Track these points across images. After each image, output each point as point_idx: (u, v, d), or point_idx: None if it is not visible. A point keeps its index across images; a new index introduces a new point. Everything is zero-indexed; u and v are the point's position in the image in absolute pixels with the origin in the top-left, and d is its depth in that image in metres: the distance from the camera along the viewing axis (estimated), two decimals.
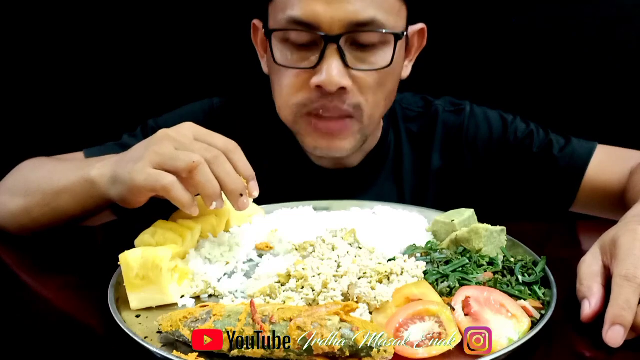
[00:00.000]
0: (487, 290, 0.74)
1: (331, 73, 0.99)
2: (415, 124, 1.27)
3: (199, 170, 0.81)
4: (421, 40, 1.16)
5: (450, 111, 1.26)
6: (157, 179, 0.81)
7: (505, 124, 1.24)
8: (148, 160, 0.83)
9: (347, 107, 1.04)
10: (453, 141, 1.25)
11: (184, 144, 0.84)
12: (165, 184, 0.81)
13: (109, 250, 0.81)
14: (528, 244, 0.88)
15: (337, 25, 0.98)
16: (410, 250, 0.86)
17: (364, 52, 1.02)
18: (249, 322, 0.65)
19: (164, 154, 0.82)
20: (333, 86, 1.00)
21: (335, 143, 1.07)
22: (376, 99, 1.06)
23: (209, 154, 0.83)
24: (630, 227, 0.74)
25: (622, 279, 0.69)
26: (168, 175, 0.81)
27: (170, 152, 0.82)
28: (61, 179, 0.99)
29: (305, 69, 1.02)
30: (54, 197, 0.99)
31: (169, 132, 0.86)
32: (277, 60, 1.04)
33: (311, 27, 0.99)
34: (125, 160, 0.88)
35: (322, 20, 0.98)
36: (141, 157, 0.84)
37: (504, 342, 0.66)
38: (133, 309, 0.75)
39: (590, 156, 1.17)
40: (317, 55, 1.00)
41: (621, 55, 1.65)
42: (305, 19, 0.98)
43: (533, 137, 1.21)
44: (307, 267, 0.78)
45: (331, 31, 0.98)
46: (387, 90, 1.08)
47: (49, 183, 1.01)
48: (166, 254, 0.77)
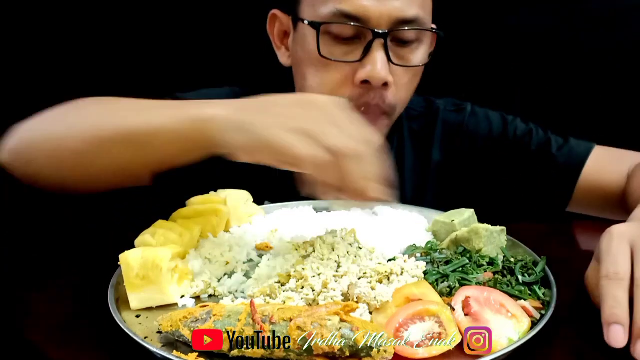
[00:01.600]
0: (487, 290, 0.74)
1: (379, 68, 1.01)
2: (417, 122, 1.28)
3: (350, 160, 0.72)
4: (434, 42, 1.18)
5: (451, 110, 1.29)
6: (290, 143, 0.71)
7: (505, 122, 1.26)
8: (293, 125, 0.73)
9: (385, 107, 1.06)
10: (453, 137, 1.27)
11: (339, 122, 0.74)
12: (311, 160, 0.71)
13: (109, 250, 0.81)
14: (528, 244, 0.88)
15: (384, 21, 1.00)
16: (410, 251, 0.87)
17: (403, 48, 1.05)
18: (249, 322, 0.65)
19: (320, 128, 0.72)
20: (379, 81, 1.02)
21: None
22: (407, 96, 1.10)
23: (363, 145, 0.74)
24: (610, 228, 0.76)
25: (605, 279, 0.70)
26: (305, 144, 0.72)
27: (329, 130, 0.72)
28: (155, 117, 0.83)
29: (351, 62, 1.03)
30: (145, 134, 0.82)
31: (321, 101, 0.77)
32: (323, 53, 1.04)
33: (360, 22, 1.00)
34: (259, 110, 0.77)
35: (371, 15, 0.99)
36: (289, 116, 0.74)
37: (504, 342, 0.66)
38: (133, 309, 0.75)
39: (587, 156, 1.18)
40: (361, 50, 1.02)
41: (621, 56, 1.65)
42: (354, 12, 1.00)
43: (532, 135, 1.23)
44: (307, 267, 0.78)
45: (379, 26, 1.00)
46: (414, 88, 1.11)
47: (135, 120, 0.84)
48: (166, 254, 0.77)
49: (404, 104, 1.11)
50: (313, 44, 1.03)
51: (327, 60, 1.03)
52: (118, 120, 0.86)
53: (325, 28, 1.02)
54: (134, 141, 0.83)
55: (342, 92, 1.04)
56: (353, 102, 1.04)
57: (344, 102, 0.78)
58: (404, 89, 1.07)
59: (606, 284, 0.70)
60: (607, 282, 0.70)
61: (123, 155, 0.86)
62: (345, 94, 1.04)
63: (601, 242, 0.75)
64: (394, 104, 1.07)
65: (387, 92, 1.04)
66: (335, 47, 1.03)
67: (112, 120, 0.87)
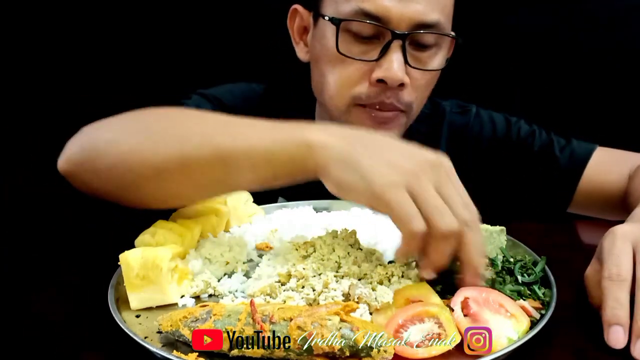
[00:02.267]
0: (485, 290, 0.74)
1: (395, 69, 1.01)
2: (424, 124, 1.29)
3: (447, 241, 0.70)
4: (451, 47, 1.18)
5: (456, 112, 1.30)
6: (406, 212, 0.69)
7: (509, 124, 1.27)
8: (401, 177, 0.70)
9: (400, 105, 1.07)
10: (458, 139, 1.28)
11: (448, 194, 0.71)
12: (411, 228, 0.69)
13: (109, 250, 0.81)
14: (528, 244, 0.88)
15: (405, 23, 1.01)
16: None
17: (421, 51, 1.05)
18: (249, 322, 0.65)
19: (423, 189, 0.70)
20: (395, 82, 1.02)
21: (383, 129, 1.09)
22: (423, 97, 1.11)
23: (468, 215, 0.72)
24: (613, 228, 0.76)
25: (607, 280, 0.70)
26: (420, 220, 0.69)
27: (432, 195, 0.70)
28: (254, 136, 0.77)
29: (368, 61, 1.03)
30: (239, 157, 0.76)
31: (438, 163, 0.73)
32: (341, 50, 1.04)
33: (379, 21, 1.01)
34: (366, 148, 0.73)
35: (392, 16, 1.00)
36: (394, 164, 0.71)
37: (503, 342, 0.66)
38: (133, 309, 0.75)
39: (589, 157, 1.19)
40: (379, 49, 1.02)
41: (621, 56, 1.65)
42: (375, 12, 1.00)
43: (535, 136, 1.24)
44: (308, 266, 0.78)
45: (398, 28, 1.00)
46: (430, 90, 1.12)
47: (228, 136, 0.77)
48: (166, 254, 0.77)
49: (420, 105, 1.12)
50: (332, 40, 1.04)
51: (345, 57, 1.04)
52: (208, 137, 0.78)
53: (345, 25, 1.03)
54: (226, 161, 0.77)
55: (359, 89, 1.05)
56: (369, 99, 1.05)
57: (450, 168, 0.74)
58: (421, 90, 1.08)
59: (608, 285, 0.70)
60: (609, 283, 0.70)
61: (210, 175, 0.79)
62: (362, 91, 1.05)
63: (603, 242, 0.75)
64: (409, 103, 1.07)
65: (402, 92, 1.05)
66: (353, 44, 1.04)
67: (200, 136, 0.79)
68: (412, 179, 0.70)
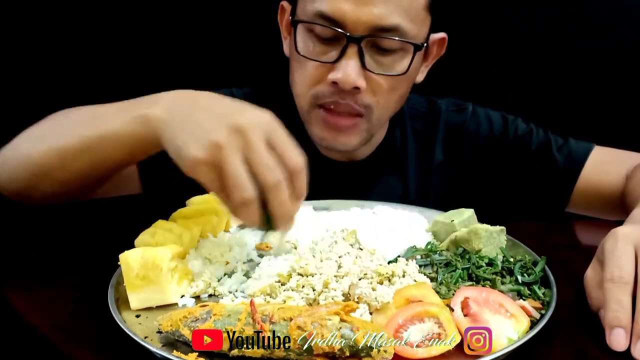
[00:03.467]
0: (485, 290, 0.74)
1: (348, 72, 1.01)
2: (420, 122, 1.29)
3: (247, 208, 0.73)
4: (440, 49, 1.18)
5: (453, 110, 1.29)
6: (205, 179, 0.74)
7: (506, 122, 1.26)
8: (210, 152, 0.72)
9: (359, 107, 1.06)
10: (455, 137, 1.27)
11: (254, 153, 0.73)
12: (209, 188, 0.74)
13: (109, 250, 0.81)
14: (528, 244, 0.88)
15: (361, 27, 1.00)
16: (410, 253, 0.86)
17: (383, 56, 1.04)
18: (249, 322, 0.65)
19: (228, 165, 0.72)
20: (348, 85, 1.01)
21: (342, 138, 1.10)
22: (387, 101, 1.08)
23: (271, 179, 0.73)
24: (615, 229, 0.75)
25: (609, 282, 0.70)
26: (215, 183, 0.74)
27: (235, 169, 0.72)
28: (106, 120, 0.89)
29: (325, 63, 1.03)
30: (97, 140, 0.89)
31: (246, 125, 0.74)
32: (299, 50, 1.05)
33: (336, 24, 1.00)
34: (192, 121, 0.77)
35: (347, 19, 0.99)
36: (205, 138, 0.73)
37: (503, 342, 0.66)
38: (133, 309, 0.75)
39: (587, 156, 1.18)
40: (337, 52, 1.02)
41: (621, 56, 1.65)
42: (331, 14, 1.00)
43: (532, 135, 1.23)
44: (309, 265, 0.78)
45: (354, 31, 1.00)
46: (399, 94, 1.10)
47: (90, 126, 0.91)
48: (166, 254, 0.77)
49: (387, 109, 1.10)
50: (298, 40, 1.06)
51: (304, 58, 1.05)
52: (76, 130, 0.92)
53: (306, 25, 1.04)
54: (91, 148, 0.90)
55: (317, 89, 1.06)
56: (324, 99, 1.05)
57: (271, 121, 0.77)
58: (383, 94, 1.06)
59: (610, 287, 0.70)
60: (611, 285, 0.70)
61: (82, 163, 0.92)
62: (319, 90, 1.06)
63: (605, 243, 0.75)
64: (369, 105, 1.06)
65: (358, 95, 1.04)
66: (315, 45, 1.04)
67: (71, 130, 0.93)
68: (217, 152, 0.72)
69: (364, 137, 1.11)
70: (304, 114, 1.12)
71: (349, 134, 1.09)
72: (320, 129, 1.10)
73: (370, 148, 1.23)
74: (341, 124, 1.07)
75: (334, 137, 1.09)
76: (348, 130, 1.08)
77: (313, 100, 1.08)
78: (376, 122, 1.10)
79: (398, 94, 1.09)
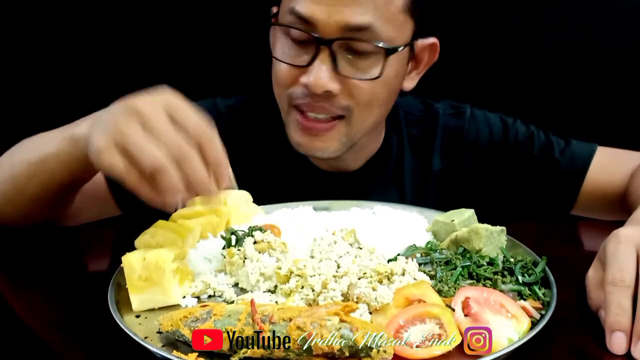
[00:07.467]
0: (486, 290, 0.74)
1: (318, 76, 0.99)
2: (416, 128, 1.26)
3: (162, 174, 0.71)
4: (432, 55, 1.14)
5: (450, 114, 1.26)
6: (112, 165, 0.73)
7: (506, 126, 1.23)
8: (111, 137, 0.73)
9: (336, 109, 1.04)
10: (453, 144, 1.24)
11: (154, 128, 0.73)
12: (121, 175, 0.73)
13: (109, 250, 0.81)
14: (528, 244, 0.88)
15: (332, 28, 0.98)
16: (410, 251, 0.86)
17: (357, 58, 1.01)
18: (249, 322, 0.65)
19: (128, 138, 0.72)
20: (319, 89, 1.00)
21: (317, 143, 1.07)
22: (368, 105, 1.05)
23: (178, 151, 0.72)
24: (617, 231, 0.75)
25: (610, 285, 0.70)
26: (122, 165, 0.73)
27: (135, 140, 0.72)
28: (47, 144, 0.96)
29: (298, 66, 1.02)
30: (41, 164, 0.96)
31: (142, 105, 0.75)
32: (275, 53, 1.05)
33: (308, 25, 0.99)
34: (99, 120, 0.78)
35: (318, 20, 0.98)
36: (107, 128, 0.74)
37: (503, 342, 0.66)
38: (135, 310, 0.75)
39: (591, 158, 1.17)
40: (311, 55, 1.00)
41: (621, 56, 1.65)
42: (304, 14, 0.98)
43: (533, 139, 1.21)
44: (307, 266, 0.78)
45: (325, 34, 0.98)
46: (380, 99, 1.07)
47: (34, 151, 0.98)
48: (169, 255, 0.77)
49: (369, 114, 1.07)
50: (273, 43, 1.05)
51: (278, 60, 1.04)
52: (25, 157, 0.99)
53: (282, 29, 1.03)
54: (37, 171, 0.96)
55: (291, 90, 1.05)
56: (297, 99, 1.04)
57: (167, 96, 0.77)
58: (362, 96, 1.03)
59: (612, 290, 0.70)
60: (613, 288, 0.70)
61: (32, 187, 0.98)
62: (294, 92, 1.04)
63: (607, 245, 0.74)
64: (347, 106, 1.04)
65: (333, 99, 1.02)
66: (290, 48, 1.03)
67: (20, 158, 1.00)
68: (118, 135, 0.73)
69: (343, 143, 1.08)
70: (285, 116, 1.10)
71: (326, 139, 1.07)
72: (297, 133, 1.08)
73: (363, 159, 1.21)
74: (317, 127, 1.05)
75: (310, 141, 1.07)
76: (324, 135, 1.06)
77: (289, 100, 1.06)
78: (358, 127, 1.07)
79: (379, 98, 1.06)
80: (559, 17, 1.65)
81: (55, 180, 0.97)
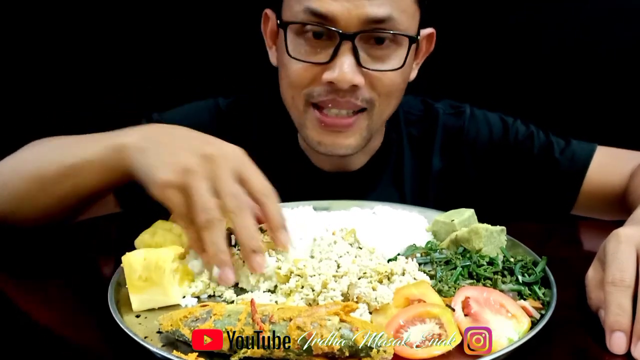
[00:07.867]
0: (486, 290, 0.74)
1: (344, 70, 0.99)
2: (416, 128, 1.26)
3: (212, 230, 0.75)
4: (429, 45, 1.16)
5: (450, 114, 1.26)
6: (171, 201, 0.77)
7: (506, 126, 1.23)
8: (180, 177, 0.76)
9: (360, 102, 1.05)
10: (453, 144, 1.24)
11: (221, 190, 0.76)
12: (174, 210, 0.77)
13: (109, 250, 0.81)
14: (528, 244, 0.88)
15: (353, 22, 0.98)
16: (410, 251, 0.86)
17: (378, 50, 1.02)
18: (249, 322, 0.65)
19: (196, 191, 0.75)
20: (345, 84, 1.00)
21: (340, 140, 1.08)
22: (388, 95, 1.07)
23: (234, 205, 0.76)
24: (617, 231, 0.75)
25: (610, 285, 0.70)
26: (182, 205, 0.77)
27: (201, 195, 0.75)
28: (82, 149, 0.93)
29: (319, 64, 1.02)
30: (73, 168, 0.93)
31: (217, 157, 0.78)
32: (291, 53, 1.04)
33: (327, 21, 0.99)
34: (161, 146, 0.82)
35: (339, 15, 0.98)
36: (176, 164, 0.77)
37: (503, 342, 0.66)
38: (135, 310, 0.75)
39: (590, 158, 1.17)
40: (331, 50, 1.00)
41: (620, 56, 1.65)
42: (323, 11, 0.98)
43: (533, 139, 1.21)
44: (307, 266, 0.78)
45: (347, 28, 0.99)
46: (400, 89, 1.09)
47: (67, 154, 0.95)
48: (169, 255, 0.77)
49: (387, 105, 1.09)
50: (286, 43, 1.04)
51: (296, 60, 1.03)
52: (55, 158, 0.97)
53: (296, 27, 1.02)
54: (68, 174, 0.93)
55: (311, 89, 1.04)
56: (319, 97, 1.04)
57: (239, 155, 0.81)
58: (384, 89, 1.05)
59: (612, 290, 0.70)
60: (613, 288, 0.70)
61: (60, 189, 0.95)
62: (314, 90, 1.04)
63: (607, 244, 0.74)
64: (370, 99, 1.05)
65: (358, 92, 1.03)
66: (306, 46, 1.03)
67: (50, 158, 0.98)
68: (186, 176, 0.76)
69: (364, 137, 1.09)
70: (299, 117, 1.10)
71: (349, 135, 1.07)
72: (318, 132, 1.08)
73: (364, 157, 1.21)
74: (340, 123, 1.06)
75: (332, 139, 1.07)
76: (347, 130, 1.07)
77: (307, 99, 1.06)
78: (377, 118, 1.09)
79: (398, 89, 1.08)
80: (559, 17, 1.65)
81: (85, 186, 0.95)
